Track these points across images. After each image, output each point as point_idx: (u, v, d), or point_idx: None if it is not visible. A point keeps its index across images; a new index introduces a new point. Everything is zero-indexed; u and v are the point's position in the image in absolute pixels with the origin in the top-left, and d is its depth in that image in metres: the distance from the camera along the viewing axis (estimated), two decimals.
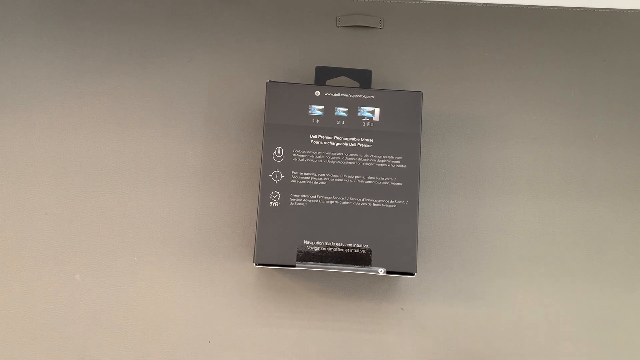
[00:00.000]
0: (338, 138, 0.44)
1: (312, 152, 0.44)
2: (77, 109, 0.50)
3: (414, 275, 0.43)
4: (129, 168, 0.49)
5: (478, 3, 0.54)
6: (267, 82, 0.45)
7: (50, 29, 0.52)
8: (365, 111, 0.45)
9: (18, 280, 0.47)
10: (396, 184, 0.44)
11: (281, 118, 0.44)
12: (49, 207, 0.48)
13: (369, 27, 0.53)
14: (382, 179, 0.44)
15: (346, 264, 0.43)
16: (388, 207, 0.43)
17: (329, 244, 0.43)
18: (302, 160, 0.44)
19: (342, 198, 0.43)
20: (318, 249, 0.43)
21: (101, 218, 0.48)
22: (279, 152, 0.44)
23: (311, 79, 0.50)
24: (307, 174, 0.44)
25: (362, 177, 0.44)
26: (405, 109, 0.45)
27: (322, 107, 0.45)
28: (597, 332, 0.48)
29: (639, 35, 0.54)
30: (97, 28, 0.52)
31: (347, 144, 0.44)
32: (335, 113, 0.45)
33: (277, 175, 0.44)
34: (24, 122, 0.50)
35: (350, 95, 0.45)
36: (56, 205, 0.48)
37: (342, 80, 0.49)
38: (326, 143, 0.44)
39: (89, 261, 0.48)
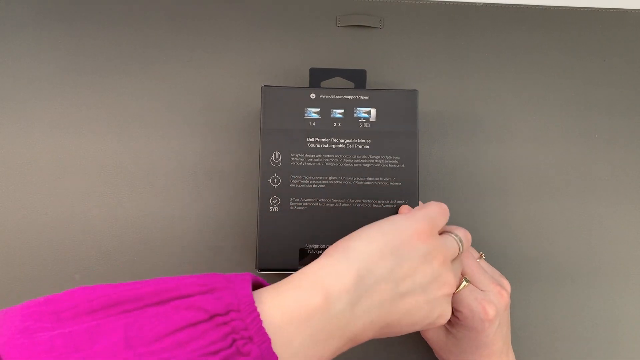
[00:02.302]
0: (335, 140, 0.44)
1: (309, 156, 0.44)
2: (77, 108, 0.50)
3: None
4: (128, 168, 0.49)
5: (478, 3, 0.54)
6: (261, 87, 0.45)
7: (50, 29, 0.52)
8: (361, 112, 0.45)
9: (18, 280, 0.47)
10: (395, 183, 0.44)
11: (277, 122, 0.44)
12: (49, 207, 0.48)
13: (369, 26, 0.53)
14: (381, 179, 0.44)
15: None
16: (388, 207, 0.43)
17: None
18: (300, 164, 0.44)
19: (342, 200, 0.43)
20: (320, 252, 0.43)
21: (101, 218, 0.48)
22: (276, 157, 0.44)
23: None
24: (306, 177, 0.44)
25: (361, 179, 0.44)
26: (402, 108, 0.45)
27: (318, 109, 0.44)
28: (597, 333, 0.48)
29: (639, 35, 0.53)
30: (97, 28, 0.52)
31: (344, 146, 0.44)
32: (332, 115, 0.44)
33: (275, 180, 0.44)
34: (24, 122, 0.50)
35: (346, 97, 0.45)
36: (56, 205, 0.48)
37: (337, 81, 0.49)
38: (323, 146, 0.44)
39: (89, 261, 0.48)
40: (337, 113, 0.45)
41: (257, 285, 0.32)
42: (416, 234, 0.33)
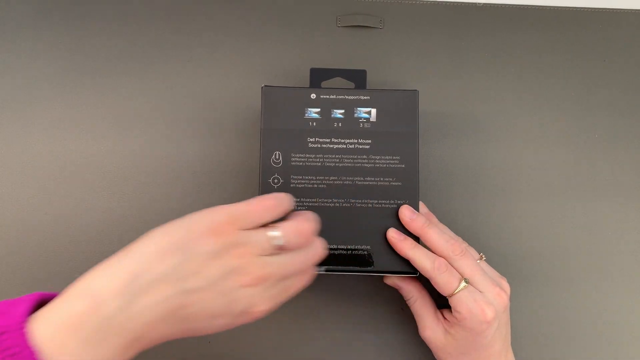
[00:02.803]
0: (336, 140, 0.44)
1: (310, 156, 0.44)
2: (77, 109, 0.50)
3: (417, 275, 0.43)
4: (128, 168, 0.49)
5: (479, 3, 0.54)
6: (262, 87, 0.45)
7: (50, 29, 0.52)
8: (361, 112, 0.45)
9: (17, 280, 0.47)
10: (396, 183, 0.44)
11: (278, 122, 0.44)
12: (49, 207, 0.48)
13: (370, 27, 0.53)
14: (382, 179, 0.44)
15: (349, 265, 0.43)
16: (388, 207, 0.43)
17: (331, 246, 0.43)
18: (301, 164, 0.44)
19: (342, 200, 0.43)
20: None
21: (101, 218, 0.48)
22: (277, 157, 0.44)
23: None
24: (306, 177, 0.44)
25: (362, 179, 0.44)
26: (402, 108, 0.45)
27: (319, 109, 0.45)
28: (597, 334, 0.48)
29: (639, 35, 0.53)
30: (97, 28, 0.52)
31: (345, 146, 0.44)
32: (332, 115, 0.44)
33: (276, 181, 0.44)
34: (24, 121, 0.50)
35: (346, 97, 0.45)
36: (56, 205, 0.48)
37: (337, 81, 0.49)
38: (324, 146, 0.44)
39: (89, 262, 0.47)
40: (338, 113, 0.45)
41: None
42: (208, 231, 0.33)
